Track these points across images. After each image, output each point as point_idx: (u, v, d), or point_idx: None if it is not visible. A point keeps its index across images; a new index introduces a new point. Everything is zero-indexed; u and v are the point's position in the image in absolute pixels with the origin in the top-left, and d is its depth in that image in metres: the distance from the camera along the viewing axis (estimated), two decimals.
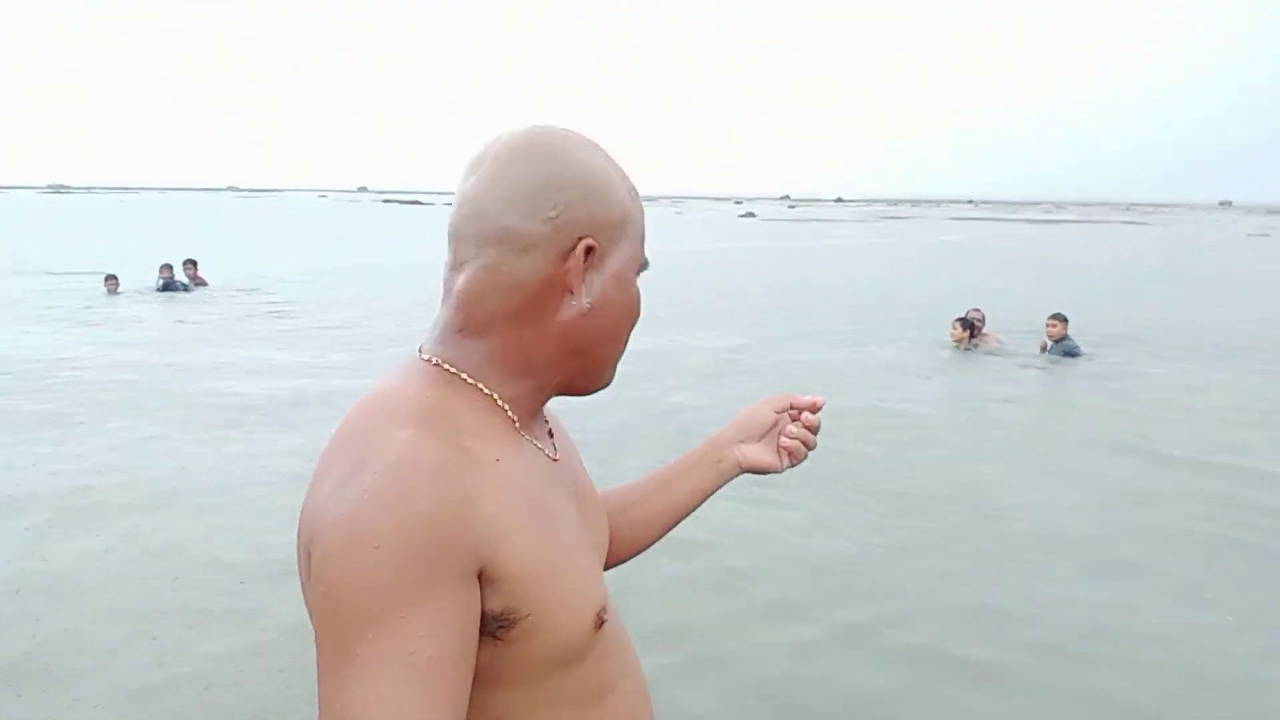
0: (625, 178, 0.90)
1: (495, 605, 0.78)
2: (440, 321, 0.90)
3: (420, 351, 0.90)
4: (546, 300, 0.86)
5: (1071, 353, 9.55)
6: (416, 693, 0.70)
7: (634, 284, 0.91)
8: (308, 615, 0.76)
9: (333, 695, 0.71)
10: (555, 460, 0.94)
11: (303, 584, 0.80)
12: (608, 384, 0.95)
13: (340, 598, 0.71)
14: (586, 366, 0.90)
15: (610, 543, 1.07)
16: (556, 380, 0.91)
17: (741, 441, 1.16)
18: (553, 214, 0.84)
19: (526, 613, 0.80)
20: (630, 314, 0.91)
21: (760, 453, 1.15)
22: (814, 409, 1.15)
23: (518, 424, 0.89)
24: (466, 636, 0.75)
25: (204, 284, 15.29)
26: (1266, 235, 47.25)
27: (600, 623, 0.87)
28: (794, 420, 1.15)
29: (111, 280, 14.40)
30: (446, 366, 0.87)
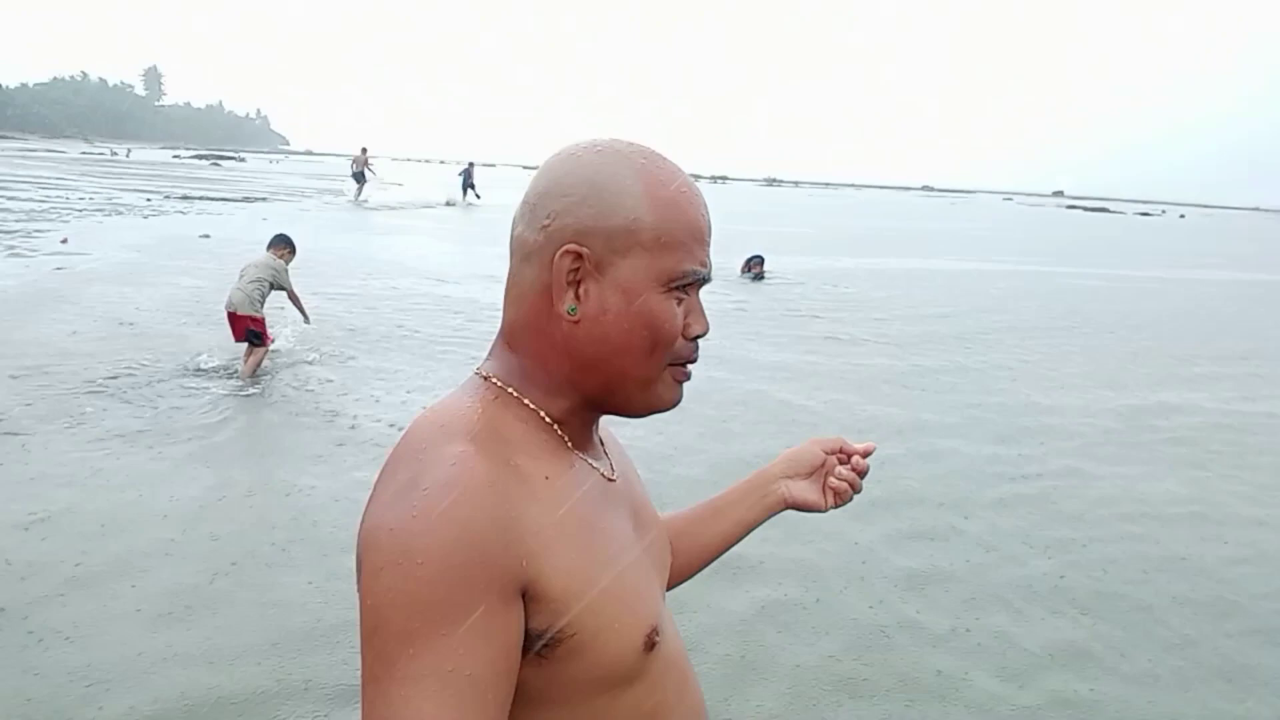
0: (659, 190, 0.85)
1: (540, 624, 0.79)
2: (495, 337, 0.93)
3: (477, 369, 0.92)
4: (548, 310, 0.86)
5: None
6: (454, 710, 0.71)
7: (653, 298, 0.85)
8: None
9: (373, 707, 0.72)
10: (611, 480, 0.94)
11: (358, 593, 0.81)
12: (659, 405, 0.90)
13: (385, 612, 0.73)
14: (606, 382, 0.87)
15: None
16: (587, 396, 0.89)
17: (789, 477, 1.17)
18: (547, 221, 0.85)
19: (573, 632, 0.80)
20: (646, 327, 0.85)
21: (806, 490, 1.17)
22: (865, 454, 1.16)
23: (569, 442, 0.89)
24: (508, 655, 0.76)
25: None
26: None
27: (651, 645, 0.86)
28: (843, 463, 1.17)
29: None
30: (495, 381, 0.89)
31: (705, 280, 0.90)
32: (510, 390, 0.88)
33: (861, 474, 1.16)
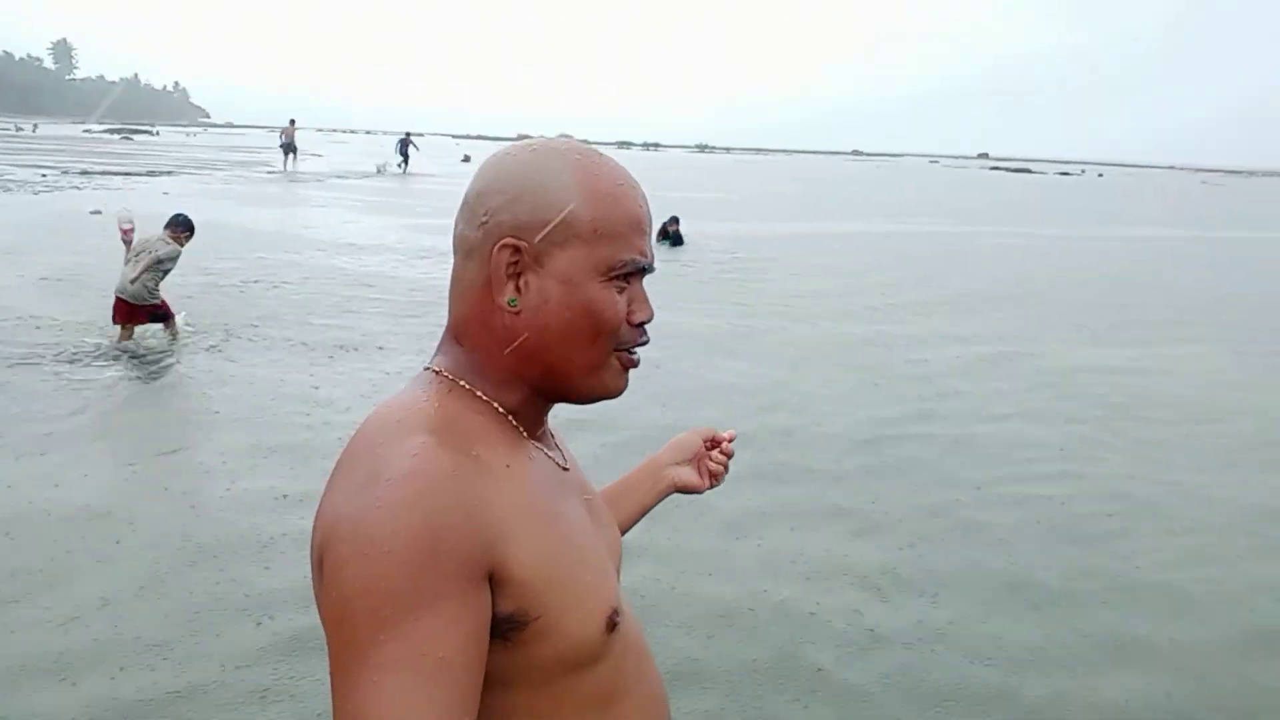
0: (595, 182, 0.88)
1: (506, 607, 0.80)
2: (443, 332, 0.95)
3: (427, 364, 0.94)
4: (490, 304, 0.89)
5: None
6: (427, 694, 0.72)
7: (591, 288, 0.88)
8: (320, 621, 0.78)
9: (346, 697, 0.73)
10: (565, 469, 0.98)
11: (315, 590, 0.82)
12: (604, 392, 0.93)
13: (353, 603, 0.74)
14: (549, 372, 0.90)
15: None
16: (533, 387, 0.91)
17: (676, 464, 1.29)
18: (484, 218, 0.88)
19: (537, 614, 0.82)
20: (587, 315, 0.88)
21: (690, 474, 1.30)
22: (730, 439, 1.32)
23: (524, 432, 0.92)
24: (477, 639, 0.77)
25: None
26: None
27: (612, 625, 0.88)
28: (713, 448, 1.32)
29: None
30: (447, 375, 0.91)
31: (646, 269, 0.92)
32: (462, 383, 0.90)
33: (729, 457, 1.32)
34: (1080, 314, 10.71)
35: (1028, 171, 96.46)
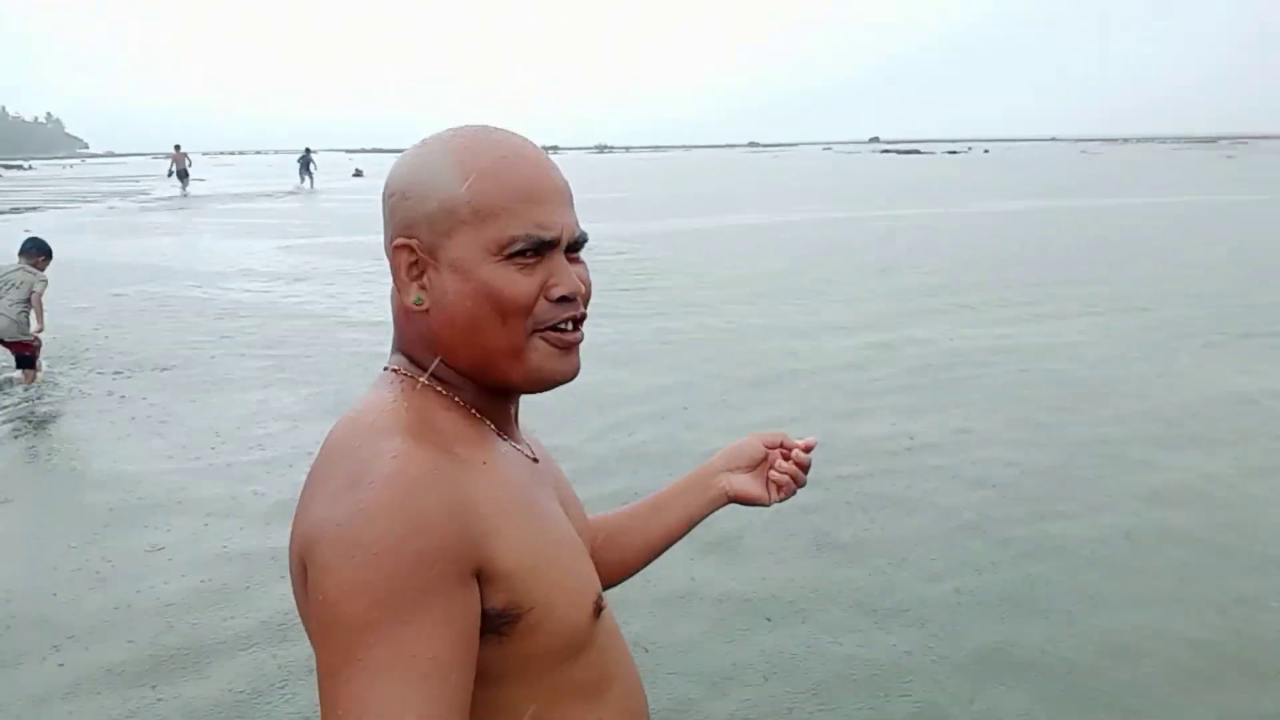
0: (476, 161, 0.86)
1: (497, 602, 0.80)
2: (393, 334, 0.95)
3: (386, 365, 0.93)
4: (404, 305, 0.89)
5: None
6: (419, 694, 0.71)
7: (485, 269, 0.85)
8: (305, 628, 0.79)
9: (335, 700, 0.72)
10: (536, 461, 0.97)
11: (296, 598, 0.83)
12: (555, 373, 0.90)
13: (341, 606, 0.73)
14: (475, 363, 0.89)
15: (600, 565, 1.03)
16: (473, 379, 0.90)
17: (729, 471, 1.19)
18: (390, 220, 0.89)
19: (530, 606, 0.82)
20: (487, 299, 0.85)
21: (749, 483, 1.18)
22: (806, 449, 1.18)
23: (492, 426, 0.92)
24: (467, 637, 0.76)
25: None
26: None
27: (599, 610, 0.90)
28: (785, 458, 1.18)
29: None
30: (406, 373, 0.90)
31: (553, 241, 0.87)
32: (424, 382, 0.90)
33: (804, 468, 1.18)
34: (964, 293, 10.77)
35: (917, 153, 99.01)
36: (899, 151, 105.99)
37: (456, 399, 0.90)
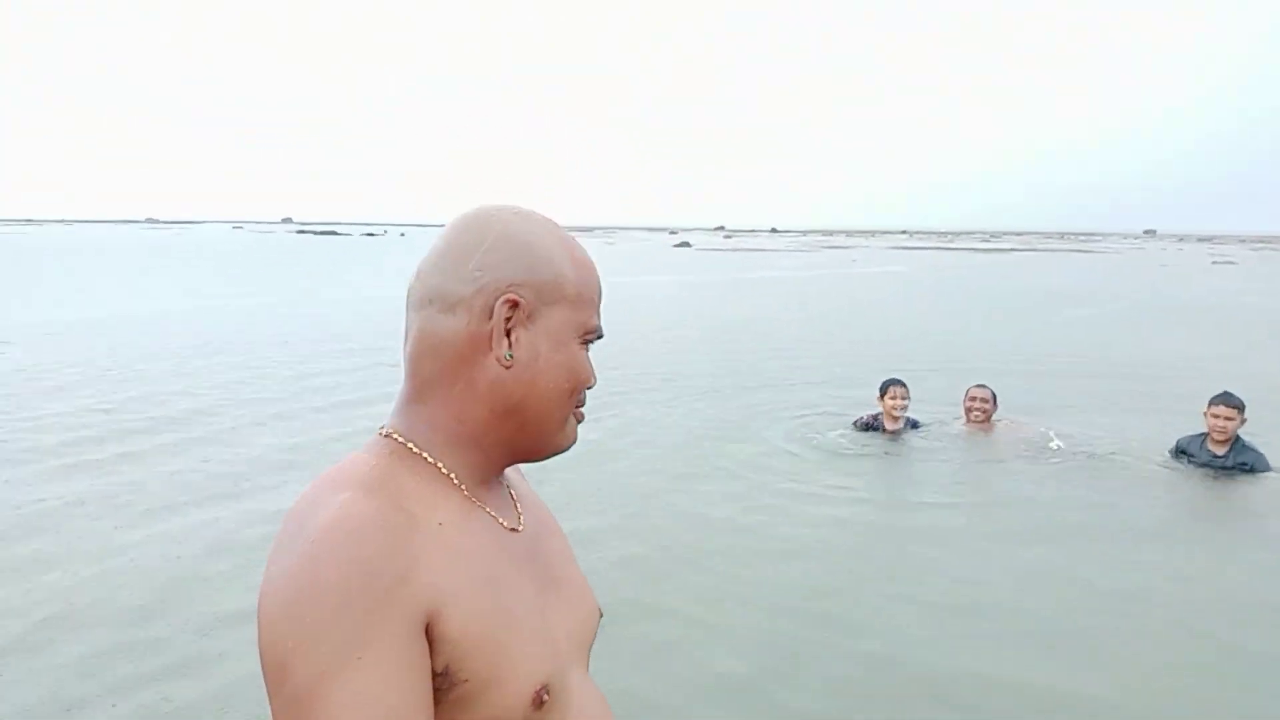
0: (572, 250, 0.94)
1: (438, 665, 0.79)
2: (400, 393, 0.94)
3: (380, 428, 0.93)
4: (474, 357, 0.89)
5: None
6: None
7: (573, 347, 0.93)
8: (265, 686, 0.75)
9: None
10: (512, 530, 0.94)
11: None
12: (563, 446, 0.96)
13: (289, 659, 0.72)
14: (524, 426, 0.91)
15: None
16: (499, 444, 0.92)
17: None
18: (478, 273, 0.89)
19: (465, 678, 0.80)
20: (567, 375, 0.92)
21: None
22: None
23: (464, 489, 0.91)
24: (422, 685, 0.76)
25: None
26: (1232, 262, 47.96)
27: (540, 702, 0.86)
28: None
29: None
30: (396, 437, 0.90)
31: (601, 335, 0.97)
32: (410, 445, 0.90)
33: None
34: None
35: (334, 234, 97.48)
36: (315, 232, 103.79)
37: (440, 465, 0.89)
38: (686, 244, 75.24)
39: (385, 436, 0.90)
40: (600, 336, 0.96)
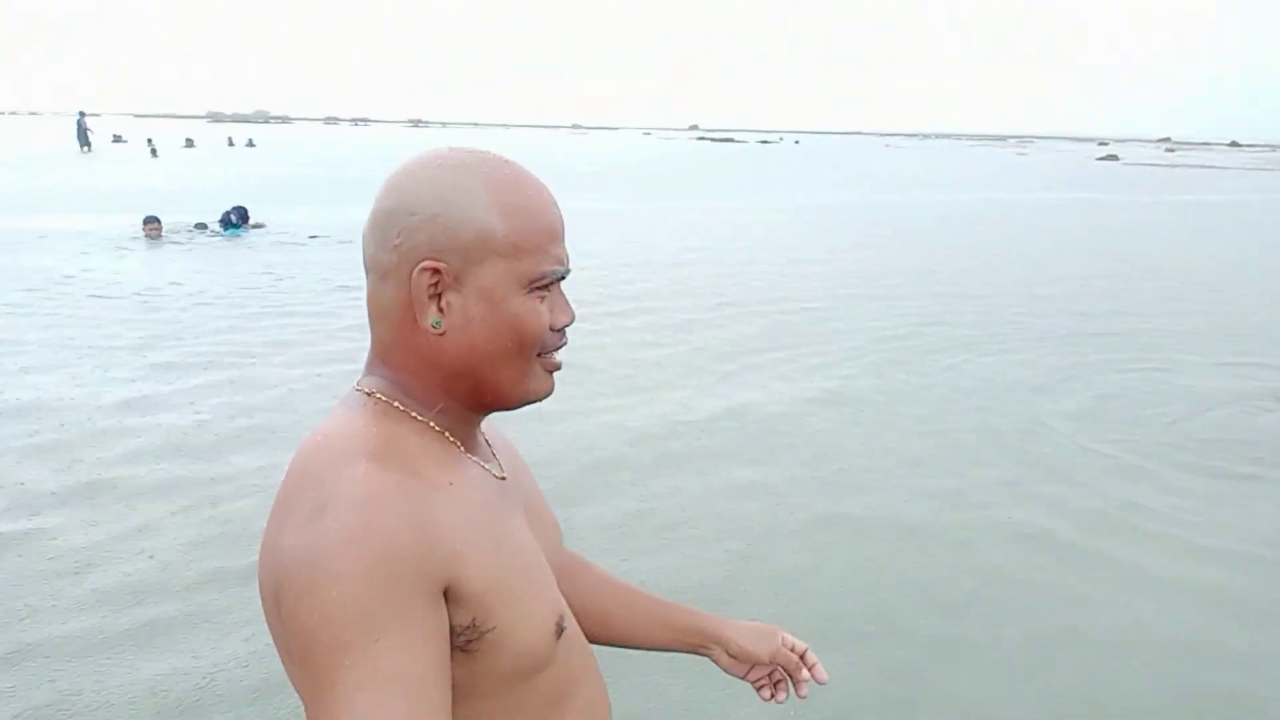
0: (505, 197, 0.88)
1: (462, 620, 0.82)
2: (368, 352, 0.94)
3: (357, 385, 0.92)
4: (413, 325, 0.88)
5: None
6: (402, 710, 0.73)
7: (515, 301, 0.88)
8: (282, 658, 0.82)
9: None
10: (502, 479, 0.97)
11: (271, 626, 0.83)
12: (534, 397, 0.94)
13: (317, 632, 0.74)
14: (478, 386, 0.90)
15: (576, 610, 1.10)
16: (463, 401, 0.91)
17: (741, 647, 1.19)
18: (397, 240, 0.86)
19: (492, 625, 0.84)
20: (511, 332, 0.89)
21: (753, 673, 1.21)
22: (820, 681, 1.20)
23: (461, 447, 0.92)
24: (442, 652, 0.79)
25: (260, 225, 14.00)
26: None
27: (560, 630, 0.92)
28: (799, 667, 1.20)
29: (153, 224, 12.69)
30: (380, 396, 0.90)
31: (564, 275, 0.93)
32: (396, 405, 0.89)
33: (800, 685, 1.21)
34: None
35: (732, 141, 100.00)
36: (714, 139, 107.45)
37: (430, 422, 0.90)
38: (1114, 157, 67.11)
39: (368, 395, 0.90)
40: (563, 276, 0.92)
